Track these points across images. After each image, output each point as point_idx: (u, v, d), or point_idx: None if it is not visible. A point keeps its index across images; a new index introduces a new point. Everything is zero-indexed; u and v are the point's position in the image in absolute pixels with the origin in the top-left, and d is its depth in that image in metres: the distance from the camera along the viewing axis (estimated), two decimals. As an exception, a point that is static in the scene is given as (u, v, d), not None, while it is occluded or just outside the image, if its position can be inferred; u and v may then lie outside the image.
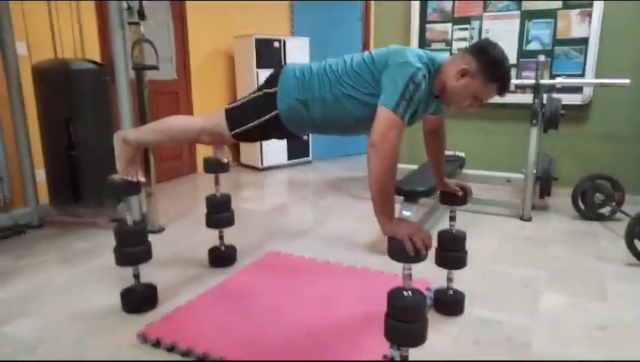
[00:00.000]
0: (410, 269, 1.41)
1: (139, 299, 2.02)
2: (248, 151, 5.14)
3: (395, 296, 1.41)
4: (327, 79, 1.62)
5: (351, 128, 1.69)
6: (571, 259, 2.61)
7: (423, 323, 1.41)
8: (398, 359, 1.51)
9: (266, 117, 1.72)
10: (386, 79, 1.47)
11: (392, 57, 1.50)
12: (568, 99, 3.55)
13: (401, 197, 2.52)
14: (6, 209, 2.96)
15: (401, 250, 1.35)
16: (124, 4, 2.72)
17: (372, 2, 4.68)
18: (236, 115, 1.79)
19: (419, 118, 1.66)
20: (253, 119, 1.75)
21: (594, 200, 3.23)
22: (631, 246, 2.50)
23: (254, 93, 1.79)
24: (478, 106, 1.57)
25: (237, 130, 1.78)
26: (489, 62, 1.47)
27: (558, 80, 3.17)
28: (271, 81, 1.73)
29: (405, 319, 1.39)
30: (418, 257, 1.35)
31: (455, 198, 1.95)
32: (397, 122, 1.39)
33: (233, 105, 1.83)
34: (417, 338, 1.42)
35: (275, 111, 1.70)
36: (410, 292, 1.40)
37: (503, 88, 1.51)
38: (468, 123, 4.09)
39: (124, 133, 2.00)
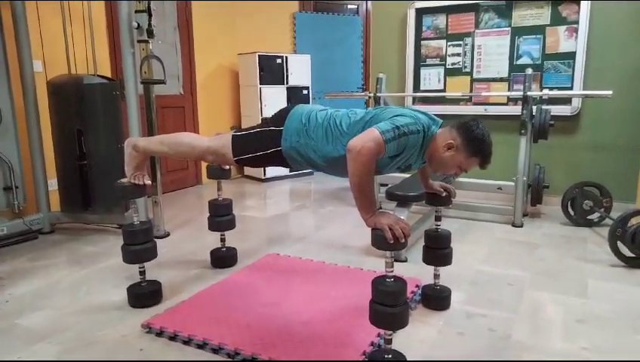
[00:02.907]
0: (392, 257, 1.54)
1: (144, 293, 2.15)
2: (251, 163, 5.28)
3: (378, 282, 1.54)
4: (332, 133, 1.78)
5: (346, 173, 1.84)
6: (557, 260, 2.71)
7: (404, 308, 1.54)
8: (382, 344, 1.63)
9: (269, 151, 1.88)
10: (386, 119, 1.64)
11: (395, 111, 1.69)
12: (558, 110, 3.70)
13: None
14: (20, 215, 3.13)
15: (383, 239, 1.48)
16: (134, 24, 2.92)
17: (371, 20, 4.88)
18: (242, 143, 1.93)
19: (412, 170, 1.86)
20: (257, 150, 1.90)
21: (583, 206, 3.34)
22: (614, 247, 2.60)
23: (262, 125, 1.95)
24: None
25: (241, 157, 1.92)
26: (472, 139, 1.65)
27: (544, 92, 3.32)
28: (279, 119, 1.89)
29: (387, 303, 1.52)
30: (397, 244, 1.48)
31: (440, 199, 2.08)
32: (378, 140, 1.52)
33: (241, 133, 1.97)
34: (399, 321, 1.55)
35: (279, 148, 1.86)
36: (392, 278, 1.53)
37: (484, 162, 1.70)
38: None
39: (134, 140, 2.16)
